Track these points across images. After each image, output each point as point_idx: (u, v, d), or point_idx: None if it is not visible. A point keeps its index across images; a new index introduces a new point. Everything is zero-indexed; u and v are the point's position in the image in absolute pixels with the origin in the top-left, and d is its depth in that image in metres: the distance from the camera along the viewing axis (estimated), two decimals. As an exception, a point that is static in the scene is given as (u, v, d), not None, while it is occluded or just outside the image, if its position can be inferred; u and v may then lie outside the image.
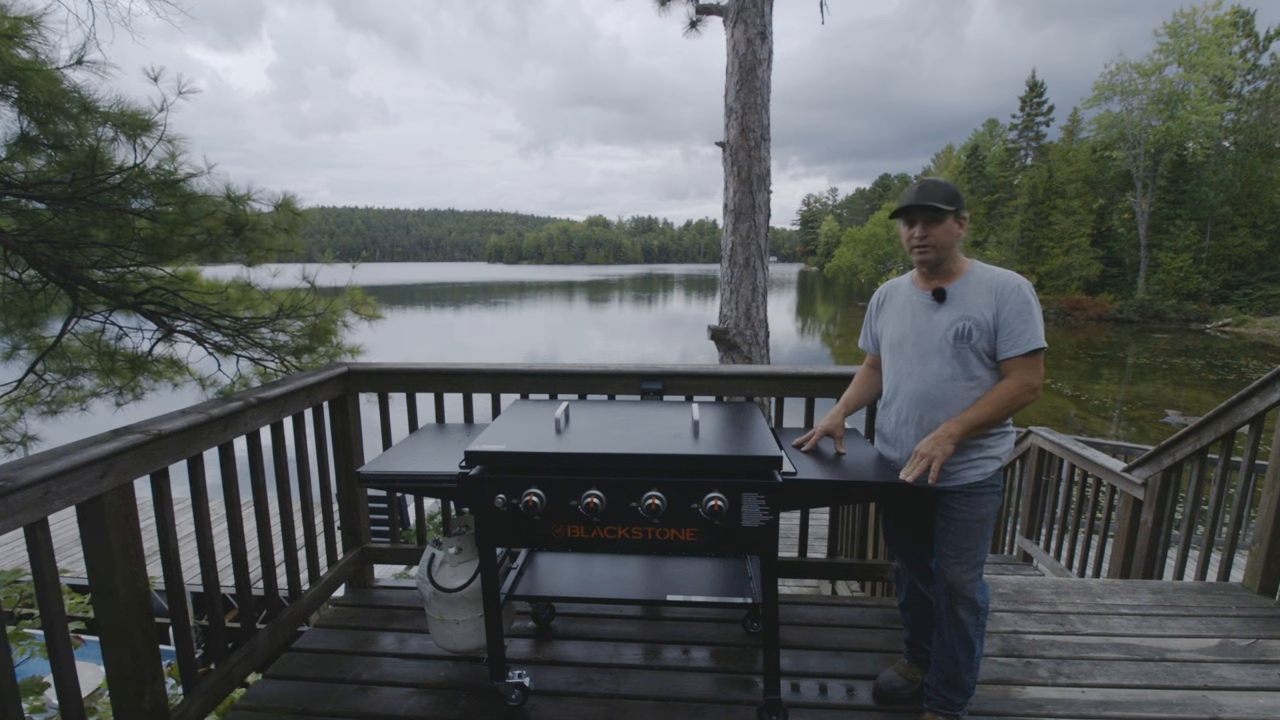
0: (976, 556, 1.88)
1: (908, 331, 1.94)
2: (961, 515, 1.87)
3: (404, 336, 35.80)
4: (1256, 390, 2.80)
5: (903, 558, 2.13)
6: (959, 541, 1.87)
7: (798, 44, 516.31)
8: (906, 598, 2.17)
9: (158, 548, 1.79)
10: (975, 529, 1.86)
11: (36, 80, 2.86)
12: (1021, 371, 1.77)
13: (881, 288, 2.14)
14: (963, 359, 1.82)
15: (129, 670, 1.64)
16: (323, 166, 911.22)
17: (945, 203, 1.80)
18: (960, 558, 1.87)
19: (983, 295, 1.81)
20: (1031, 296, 1.78)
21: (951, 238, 1.84)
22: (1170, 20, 37.99)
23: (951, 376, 1.84)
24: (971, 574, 1.87)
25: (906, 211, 1.85)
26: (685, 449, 1.82)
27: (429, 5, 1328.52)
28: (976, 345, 1.80)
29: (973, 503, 1.87)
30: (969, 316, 1.81)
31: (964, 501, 1.87)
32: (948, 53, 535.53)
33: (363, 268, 5.74)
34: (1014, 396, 1.77)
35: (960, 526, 1.87)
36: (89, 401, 4.21)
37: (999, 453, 1.87)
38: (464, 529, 2.19)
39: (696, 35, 7.42)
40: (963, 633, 1.89)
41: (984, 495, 1.86)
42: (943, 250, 1.85)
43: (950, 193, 1.83)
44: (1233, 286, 36.26)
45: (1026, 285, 1.81)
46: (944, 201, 1.80)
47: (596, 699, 2.09)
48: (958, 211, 1.83)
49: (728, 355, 6.59)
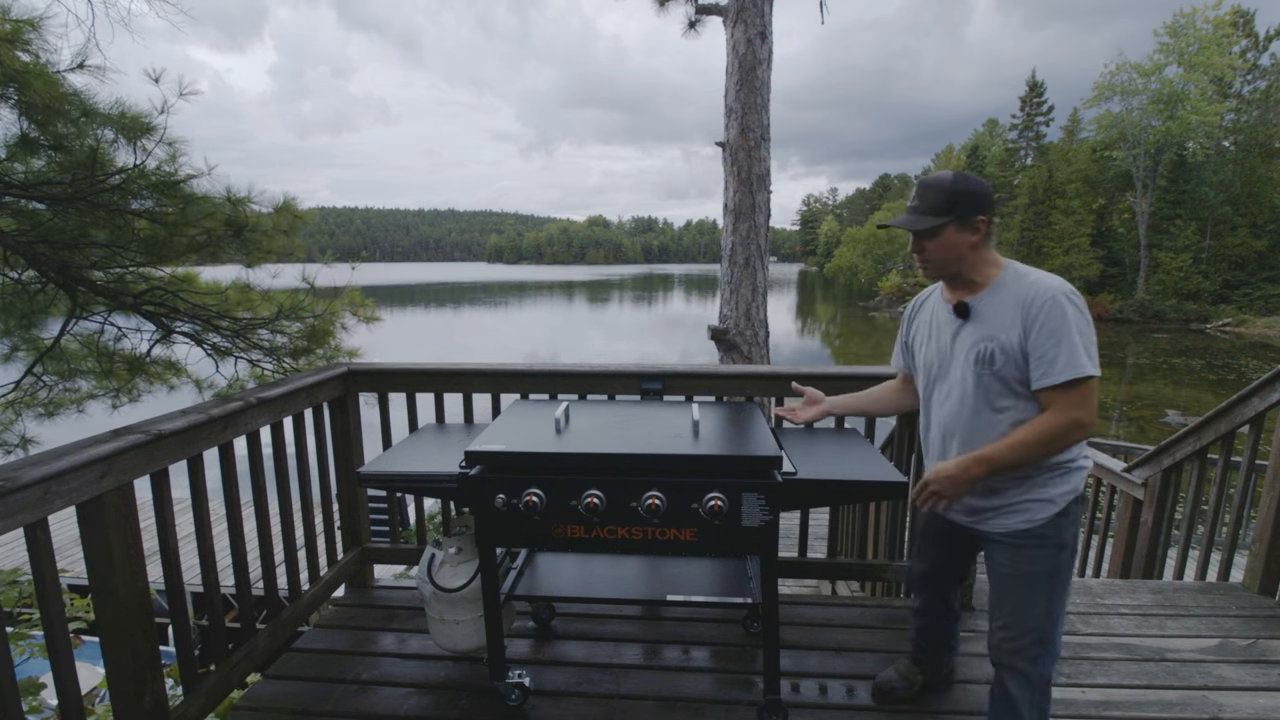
0: (1024, 620, 1.56)
1: (934, 353, 1.70)
2: (1003, 568, 1.59)
3: (404, 337, 35.79)
4: (1256, 390, 2.80)
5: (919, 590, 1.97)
6: (1001, 598, 1.61)
7: (798, 44, 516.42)
8: (923, 604, 2.00)
9: (158, 548, 1.79)
10: (1019, 587, 1.56)
11: (36, 83, 2.87)
12: (1063, 405, 1.44)
13: (915, 299, 1.89)
14: (985, 387, 1.55)
15: (129, 670, 1.64)
16: (323, 166, 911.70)
17: (936, 213, 1.54)
18: (1002, 617, 1.60)
19: (1009, 311, 1.51)
20: (1071, 308, 1.44)
21: (954, 249, 1.56)
22: (1170, 20, 38.02)
23: (975, 409, 1.58)
24: (1018, 640, 1.57)
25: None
26: (685, 449, 1.82)
27: (431, 6, 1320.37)
28: (1002, 371, 1.52)
29: (1016, 556, 1.56)
30: (993, 337, 1.52)
31: (1006, 552, 1.58)
32: (948, 53, 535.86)
33: (363, 268, 5.74)
34: (1054, 436, 1.45)
35: (1001, 581, 1.60)
36: (86, 404, 4.21)
37: (1054, 495, 1.52)
38: (464, 529, 2.19)
39: (695, 35, 7.43)
40: (1011, 711, 1.60)
41: (1030, 549, 1.54)
42: (947, 265, 1.59)
43: (945, 198, 1.55)
44: (1233, 286, 36.27)
45: (1065, 295, 1.45)
46: (934, 212, 1.55)
47: (596, 699, 2.09)
48: (959, 218, 1.53)
49: (728, 355, 6.60)
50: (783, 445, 2.04)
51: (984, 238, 1.56)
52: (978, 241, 1.56)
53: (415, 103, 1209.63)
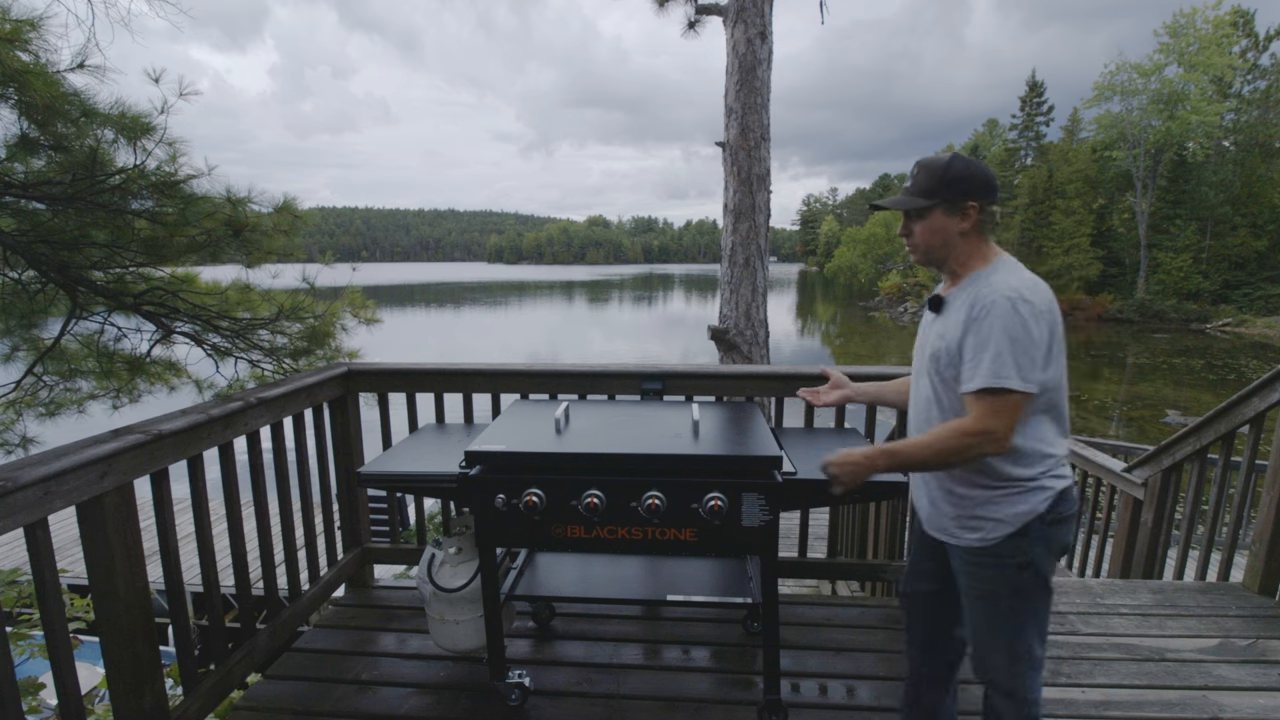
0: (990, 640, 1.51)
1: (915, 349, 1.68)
2: (964, 587, 1.54)
3: (404, 337, 35.79)
4: (1256, 390, 2.80)
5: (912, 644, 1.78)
6: (968, 617, 1.56)
7: (798, 45, 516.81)
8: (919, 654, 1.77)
9: (158, 548, 1.79)
10: (977, 607, 1.52)
11: (36, 84, 2.86)
12: (976, 414, 1.37)
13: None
14: (937, 389, 1.51)
15: (129, 670, 1.64)
16: (323, 166, 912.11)
17: (925, 195, 1.46)
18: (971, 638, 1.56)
19: (962, 309, 1.43)
20: (1012, 315, 1.34)
21: (940, 235, 1.48)
22: (1170, 20, 38.02)
23: (928, 411, 1.55)
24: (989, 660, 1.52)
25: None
26: (685, 449, 1.82)
27: (432, 6, 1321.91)
28: (946, 373, 1.47)
29: (972, 575, 1.51)
30: (945, 335, 1.47)
31: (964, 570, 1.53)
32: (948, 54, 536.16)
33: (363, 268, 5.73)
34: (960, 445, 1.37)
35: (965, 600, 1.56)
36: (86, 404, 4.21)
37: (1007, 514, 1.43)
38: (464, 529, 2.19)
39: (695, 36, 7.43)
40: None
41: (986, 568, 1.47)
42: (932, 251, 1.51)
43: (936, 179, 1.46)
44: (1233, 286, 36.26)
45: (1012, 298, 1.35)
46: (924, 194, 1.47)
47: (596, 699, 2.09)
48: (949, 201, 1.45)
49: (728, 355, 6.59)
50: (783, 445, 2.04)
51: (975, 226, 1.47)
52: (968, 229, 1.47)
53: (416, 103, 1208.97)
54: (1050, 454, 1.45)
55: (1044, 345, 1.37)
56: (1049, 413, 1.44)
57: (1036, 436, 1.43)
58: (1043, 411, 1.43)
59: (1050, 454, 1.45)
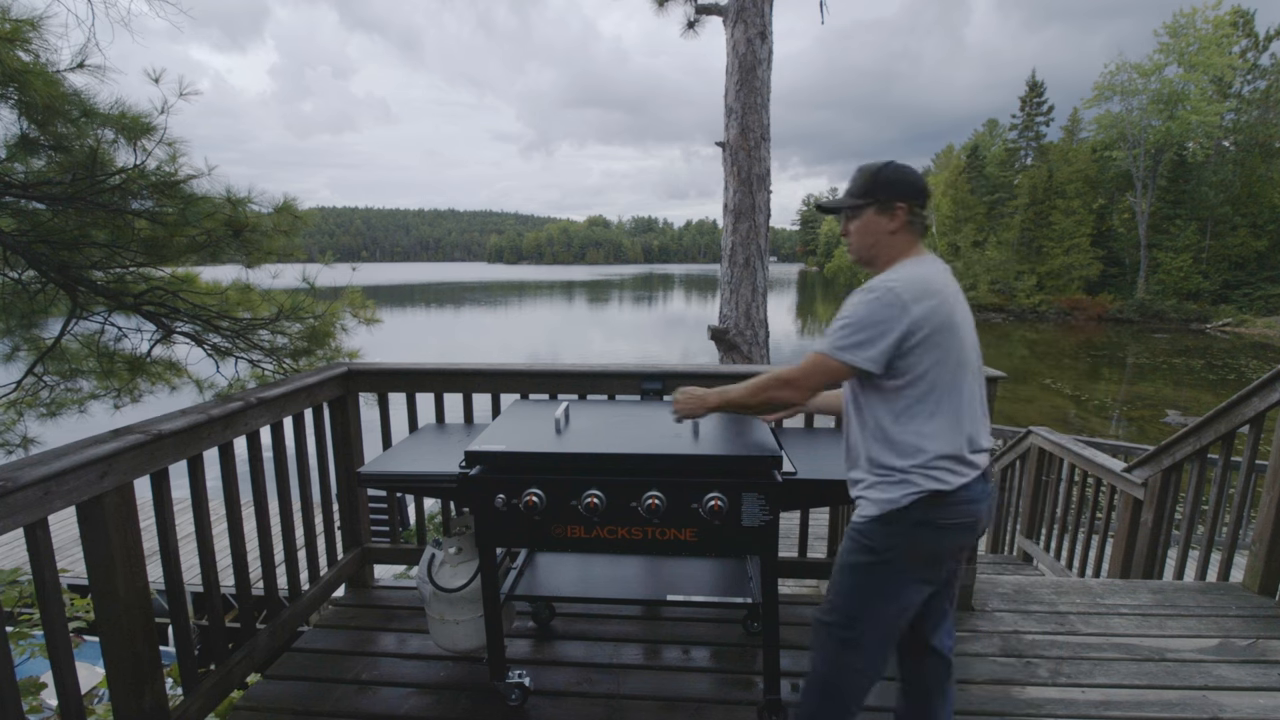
0: (832, 599, 1.59)
1: None
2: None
3: (404, 337, 35.79)
4: (1256, 390, 2.80)
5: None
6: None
7: (798, 45, 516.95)
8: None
9: (158, 548, 1.79)
10: (836, 569, 1.60)
11: (36, 83, 2.86)
12: (797, 365, 1.55)
13: None
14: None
15: (129, 670, 1.64)
16: (323, 166, 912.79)
17: (858, 195, 1.57)
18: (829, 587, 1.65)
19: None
20: (862, 298, 1.46)
21: (870, 234, 1.56)
22: (1170, 20, 38.02)
23: (847, 404, 1.64)
24: (827, 615, 1.60)
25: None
26: (685, 449, 1.82)
27: (432, 6, 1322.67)
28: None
29: (845, 542, 1.59)
30: None
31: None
32: (948, 54, 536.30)
33: (363, 268, 5.73)
34: (765, 382, 1.59)
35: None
36: (87, 404, 4.21)
37: (874, 497, 1.51)
38: (464, 529, 2.19)
39: (695, 36, 7.43)
40: (809, 673, 1.65)
41: (851, 539, 1.57)
42: (864, 249, 1.59)
43: (868, 181, 1.56)
44: (1233, 286, 36.26)
45: (873, 288, 1.46)
46: (857, 194, 1.57)
47: (596, 699, 2.09)
48: (880, 201, 1.54)
49: (728, 355, 6.59)
50: (783, 445, 2.04)
51: (904, 226, 1.54)
52: (896, 229, 1.54)
53: (416, 103, 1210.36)
54: (923, 449, 1.46)
55: (885, 330, 1.42)
56: (927, 405, 1.46)
57: (911, 429, 1.47)
58: (918, 402, 1.46)
59: (923, 449, 1.46)
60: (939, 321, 1.43)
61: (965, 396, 1.48)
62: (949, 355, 1.45)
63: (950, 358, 1.45)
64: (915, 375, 1.45)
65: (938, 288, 1.46)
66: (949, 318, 1.44)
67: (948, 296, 1.47)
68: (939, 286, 1.46)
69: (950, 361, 1.45)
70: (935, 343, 1.43)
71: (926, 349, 1.43)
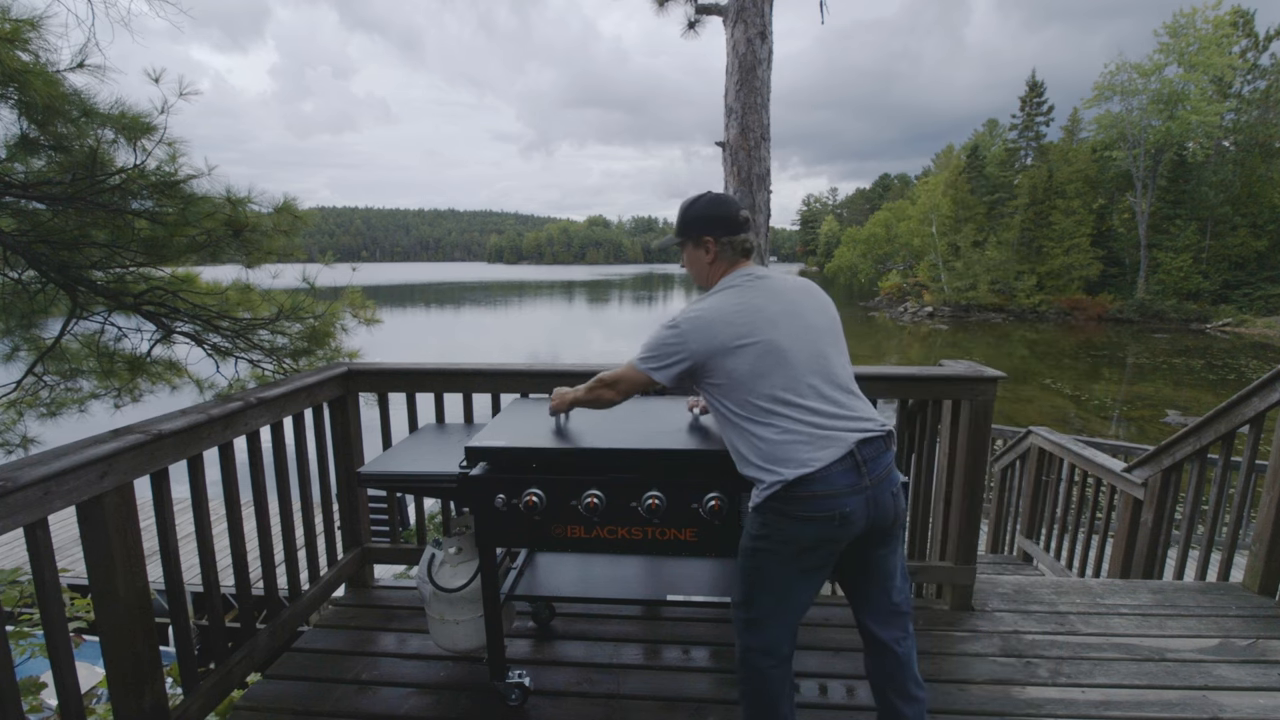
0: (735, 586, 1.68)
1: None
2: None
3: (404, 337, 35.78)
4: (1256, 390, 2.80)
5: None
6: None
7: (798, 45, 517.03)
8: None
9: (158, 548, 1.79)
10: (737, 558, 1.67)
11: (36, 83, 2.86)
12: (621, 368, 1.76)
13: None
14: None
15: (129, 670, 1.64)
16: (323, 166, 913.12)
17: (678, 233, 1.80)
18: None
19: None
20: (660, 333, 1.67)
21: (694, 264, 1.79)
22: (1170, 20, 38.01)
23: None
24: (731, 599, 1.70)
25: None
26: (684, 444, 1.82)
27: (432, 7, 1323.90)
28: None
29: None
30: None
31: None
32: (948, 54, 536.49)
33: (363, 268, 5.72)
34: (593, 384, 1.81)
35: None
36: (88, 404, 4.21)
37: (753, 492, 1.59)
38: (464, 529, 2.19)
39: (695, 36, 7.42)
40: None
41: (744, 525, 1.66)
42: (695, 277, 1.81)
43: (680, 221, 1.79)
44: (1233, 286, 36.24)
45: (669, 323, 1.68)
46: (677, 233, 1.80)
47: (596, 699, 2.10)
48: (692, 238, 1.76)
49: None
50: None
51: (716, 256, 1.74)
52: (712, 259, 1.75)
53: (416, 103, 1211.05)
54: (760, 445, 1.57)
55: (670, 358, 1.64)
56: (750, 407, 1.57)
57: (745, 428, 1.59)
58: (742, 405, 1.59)
59: (760, 445, 1.57)
60: (717, 345, 1.59)
61: (781, 387, 1.56)
62: (741, 363, 1.57)
63: (743, 365, 1.57)
64: (722, 384, 1.61)
65: (721, 312, 1.62)
66: (725, 340, 1.58)
67: (728, 318, 1.61)
68: (723, 309, 1.62)
69: (744, 367, 1.57)
70: (722, 360, 1.59)
71: (717, 366, 1.60)
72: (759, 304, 1.63)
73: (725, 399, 1.62)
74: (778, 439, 1.54)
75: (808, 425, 1.54)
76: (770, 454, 1.54)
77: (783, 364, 1.57)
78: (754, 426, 1.57)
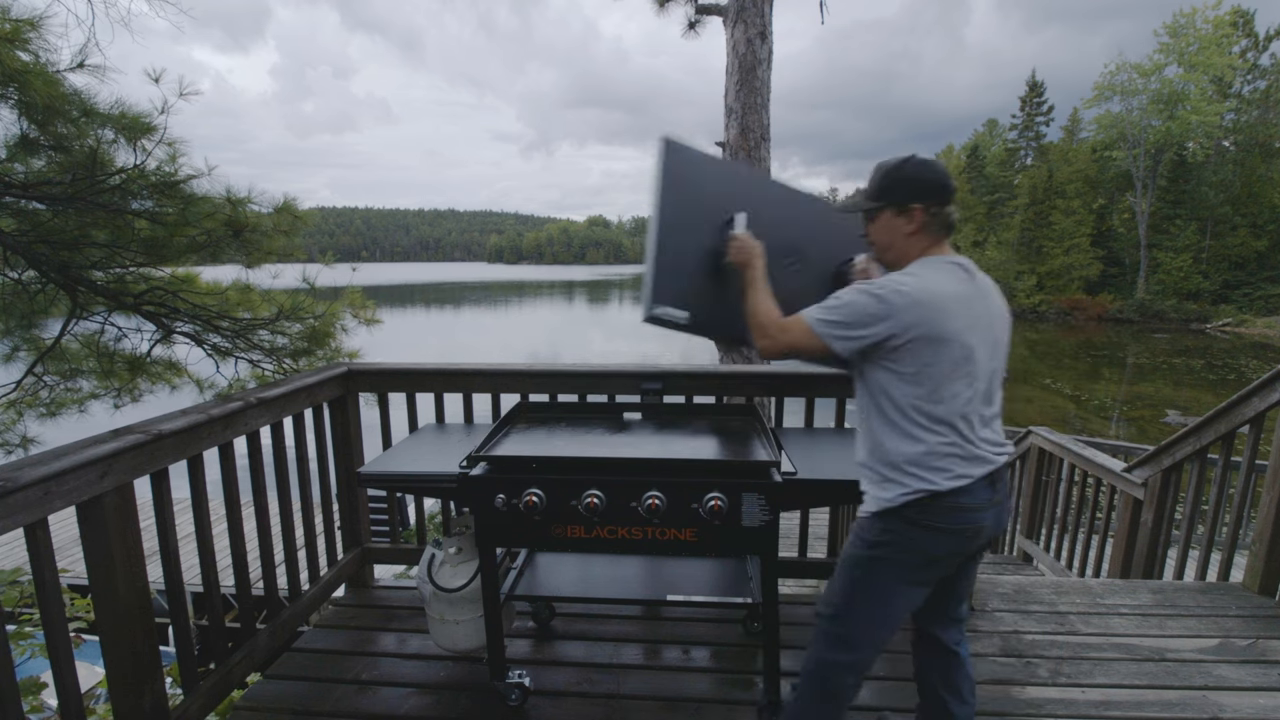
0: (828, 593, 1.62)
1: None
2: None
3: (404, 337, 35.78)
4: (1256, 390, 2.80)
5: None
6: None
7: (798, 45, 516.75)
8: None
9: (158, 548, 1.79)
10: (837, 567, 1.62)
11: (36, 83, 2.86)
12: (790, 320, 1.58)
13: None
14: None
15: (129, 670, 1.64)
16: (323, 166, 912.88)
17: (874, 197, 1.55)
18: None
19: None
20: (859, 294, 1.47)
21: (888, 236, 1.55)
22: (1170, 20, 38.01)
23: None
24: (821, 606, 1.63)
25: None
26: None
27: (433, 7, 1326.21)
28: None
29: (850, 533, 1.61)
30: None
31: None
32: (948, 54, 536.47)
33: (363, 268, 5.72)
34: (763, 319, 1.63)
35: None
36: (88, 404, 4.21)
37: (875, 495, 1.52)
38: (464, 529, 2.19)
39: (695, 36, 7.43)
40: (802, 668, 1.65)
41: (853, 532, 1.59)
42: (883, 251, 1.60)
43: (882, 182, 1.54)
44: (1233, 286, 36.24)
45: (871, 284, 1.48)
46: (873, 196, 1.56)
47: (596, 699, 2.09)
48: (895, 203, 1.52)
49: (727, 355, 6.59)
50: (782, 445, 2.04)
51: (921, 228, 1.51)
52: (913, 231, 1.51)
53: (416, 103, 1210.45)
54: (916, 450, 1.46)
55: (868, 323, 1.44)
56: (920, 407, 1.45)
57: (904, 430, 1.47)
58: (911, 403, 1.46)
59: (916, 450, 1.46)
60: (925, 331, 1.41)
61: (963, 400, 1.45)
62: (940, 361, 1.43)
63: (942, 364, 1.43)
64: (906, 374, 1.44)
65: (937, 295, 1.43)
66: (939, 327, 1.41)
67: (945, 304, 1.43)
68: (940, 293, 1.43)
69: (943, 367, 1.43)
70: (922, 349, 1.42)
71: (914, 353, 1.43)
72: (973, 300, 1.47)
73: (894, 390, 1.46)
74: (938, 448, 1.44)
75: (967, 442, 1.46)
76: (923, 461, 1.45)
77: (971, 375, 1.45)
78: (916, 429, 1.46)
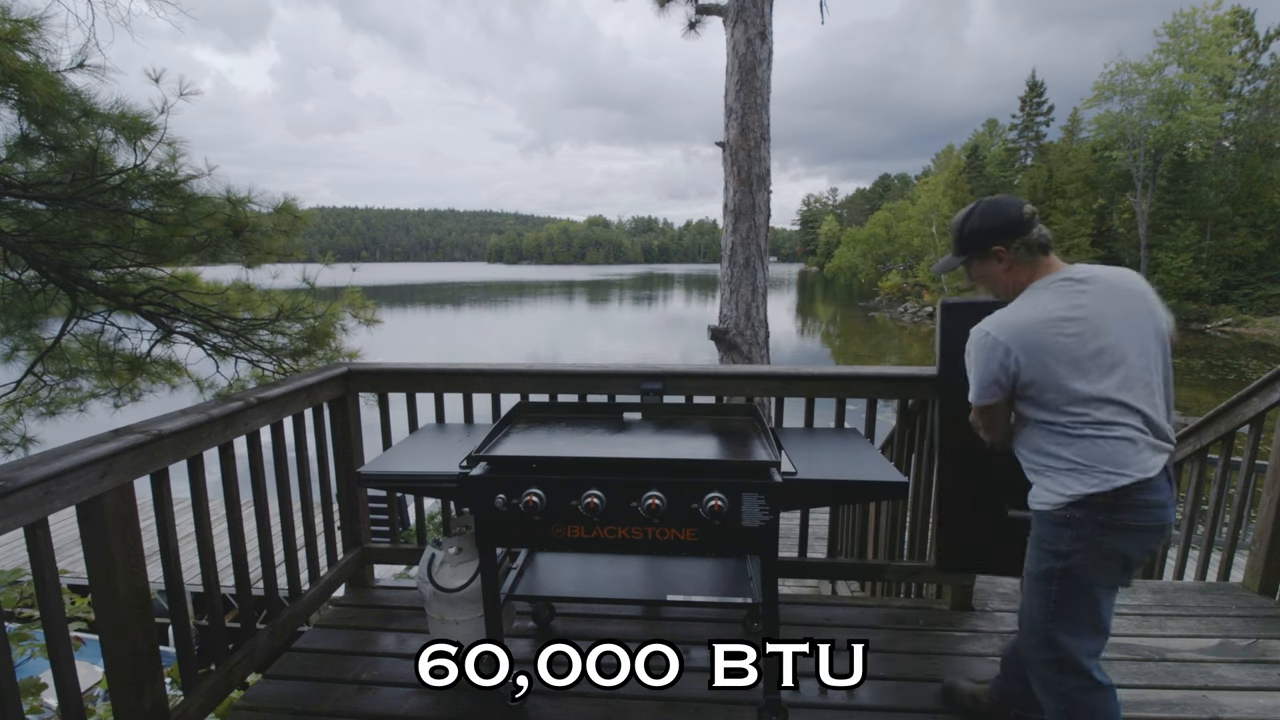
0: (1023, 619, 1.64)
1: None
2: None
3: (404, 337, 35.78)
4: (1256, 390, 2.80)
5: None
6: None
7: (798, 45, 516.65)
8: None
9: (158, 548, 1.79)
10: (1025, 581, 1.64)
11: (36, 83, 2.86)
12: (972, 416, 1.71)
13: None
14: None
15: (129, 670, 1.64)
16: (324, 166, 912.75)
17: (957, 253, 1.71)
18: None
19: None
20: (973, 355, 1.60)
21: (989, 279, 1.68)
22: (1170, 20, 37.99)
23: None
24: (1024, 639, 1.64)
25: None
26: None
27: (434, 7, 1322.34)
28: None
29: (1030, 548, 1.62)
30: None
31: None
32: (948, 54, 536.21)
33: (363, 268, 5.72)
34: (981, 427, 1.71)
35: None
36: (87, 403, 4.21)
37: (1045, 484, 1.56)
38: (464, 529, 2.19)
39: (695, 36, 7.43)
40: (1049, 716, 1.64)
41: (1033, 541, 1.61)
42: (992, 290, 1.72)
43: (957, 238, 1.69)
44: (1233, 286, 36.22)
45: (975, 334, 1.60)
46: (956, 252, 1.72)
47: (596, 699, 2.09)
48: (977, 252, 1.65)
49: (728, 355, 6.59)
50: (783, 445, 2.04)
51: (1011, 264, 1.63)
52: (1007, 268, 1.63)
53: (417, 103, 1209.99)
54: (1045, 463, 1.57)
55: (987, 369, 1.57)
56: (1065, 413, 1.51)
57: (1030, 445, 1.60)
58: (1033, 425, 1.58)
59: (1045, 463, 1.57)
60: (1029, 350, 1.51)
61: (1132, 394, 1.46)
62: (1059, 368, 1.49)
63: (1059, 371, 1.49)
64: (1046, 390, 1.52)
65: (1032, 319, 1.53)
66: (1040, 342, 1.50)
67: (1042, 322, 1.51)
68: (1035, 317, 1.53)
69: (1084, 371, 1.47)
70: (1036, 368, 1.51)
71: (1032, 372, 1.52)
72: (1088, 304, 1.51)
73: (1037, 402, 1.53)
74: (1111, 437, 1.44)
75: (1141, 431, 1.45)
76: (1098, 454, 1.44)
77: (1120, 364, 1.47)
78: (1077, 426, 1.47)
